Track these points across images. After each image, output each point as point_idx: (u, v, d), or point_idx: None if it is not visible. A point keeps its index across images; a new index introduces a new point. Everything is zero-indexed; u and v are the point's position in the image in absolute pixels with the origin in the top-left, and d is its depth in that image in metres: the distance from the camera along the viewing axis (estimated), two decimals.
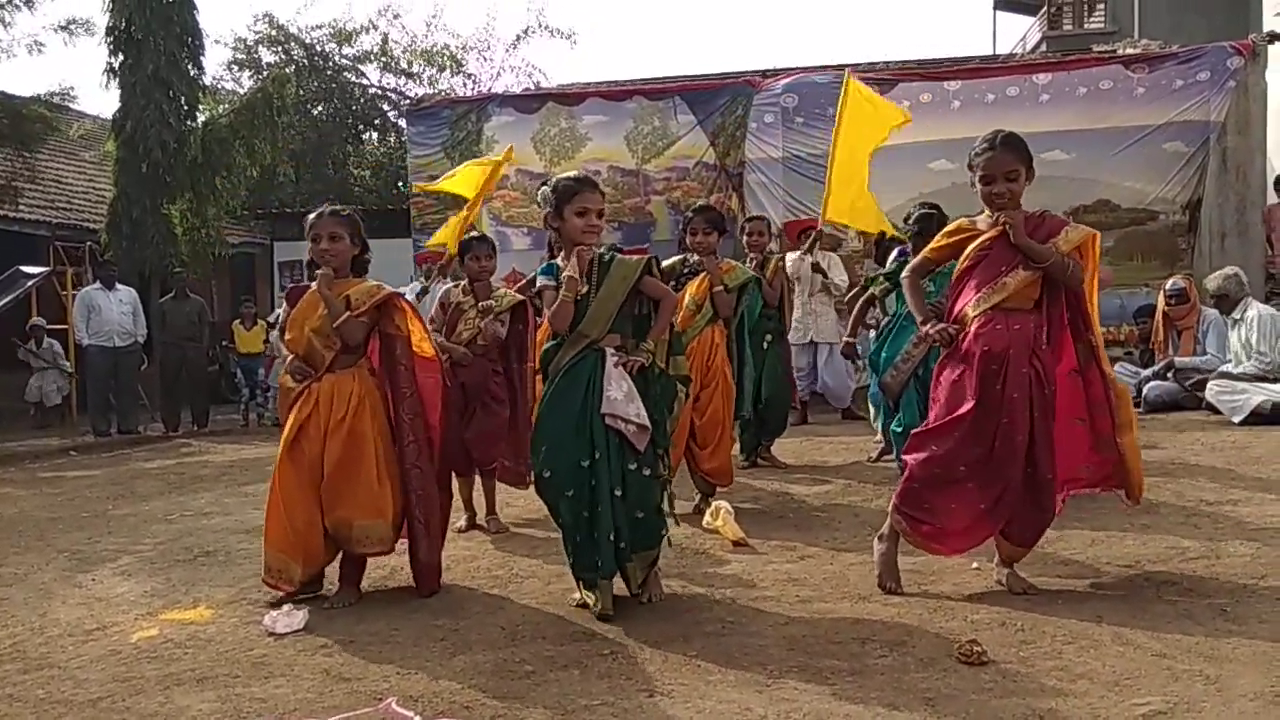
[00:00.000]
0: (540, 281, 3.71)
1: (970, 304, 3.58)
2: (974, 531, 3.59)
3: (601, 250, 3.67)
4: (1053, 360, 3.54)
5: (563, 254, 3.71)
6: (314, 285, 3.85)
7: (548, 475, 3.52)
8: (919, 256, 3.89)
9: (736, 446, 6.08)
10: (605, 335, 3.58)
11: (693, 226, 5.30)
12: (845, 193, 7.10)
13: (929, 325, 3.64)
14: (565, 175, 3.72)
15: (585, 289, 3.58)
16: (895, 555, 3.69)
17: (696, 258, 5.29)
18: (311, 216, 3.95)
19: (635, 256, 3.74)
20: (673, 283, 5.02)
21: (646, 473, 3.56)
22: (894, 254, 6.35)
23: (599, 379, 3.51)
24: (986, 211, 3.66)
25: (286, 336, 3.97)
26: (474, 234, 5.57)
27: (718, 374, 5.18)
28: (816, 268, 8.35)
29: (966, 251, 3.62)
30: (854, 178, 7.08)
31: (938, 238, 3.83)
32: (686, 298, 5.19)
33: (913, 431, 3.72)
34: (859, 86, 7.40)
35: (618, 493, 3.49)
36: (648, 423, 3.52)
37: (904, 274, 3.89)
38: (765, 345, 6.38)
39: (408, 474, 3.84)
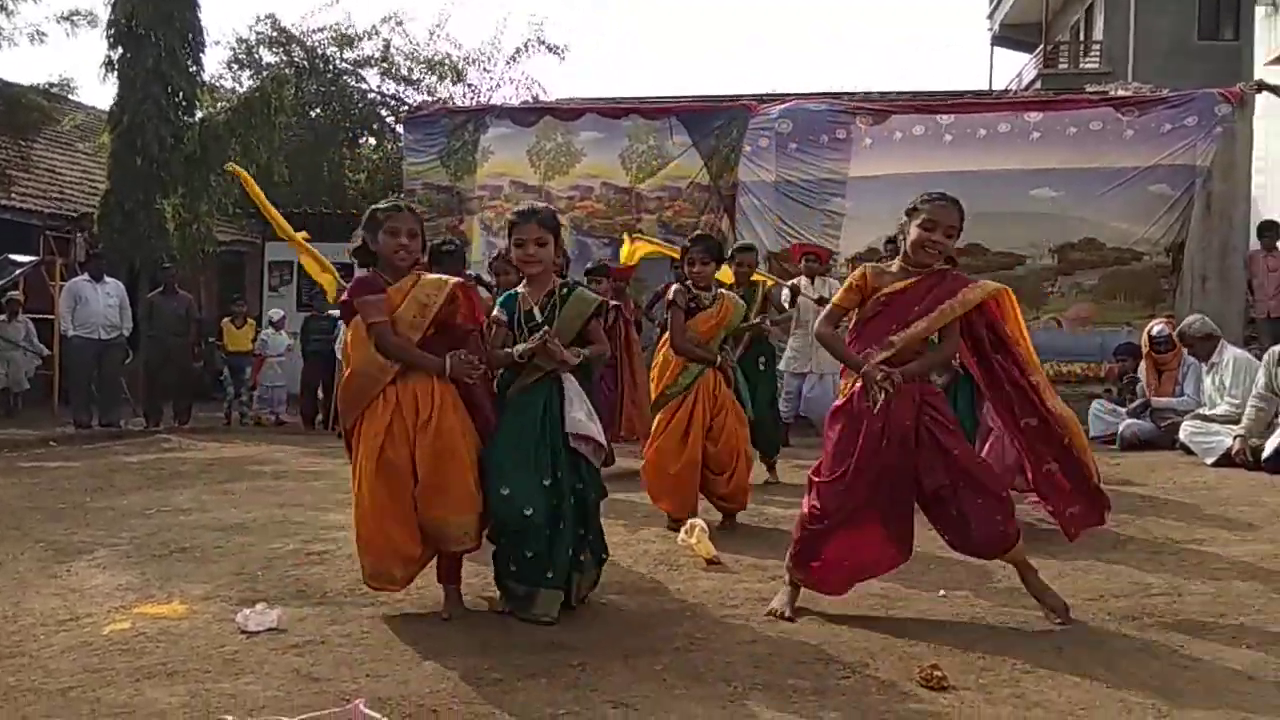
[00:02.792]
0: (495, 314, 3.86)
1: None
2: (851, 575, 3.70)
3: (562, 281, 3.85)
4: (943, 401, 3.62)
5: (524, 282, 3.87)
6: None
7: (506, 493, 3.59)
8: (829, 306, 3.85)
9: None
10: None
11: (690, 256, 5.27)
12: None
13: (870, 368, 3.52)
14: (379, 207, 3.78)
15: (540, 321, 3.73)
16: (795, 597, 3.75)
17: (693, 290, 5.26)
18: (384, 207, 3.76)
19: (593, 295, 3.89)
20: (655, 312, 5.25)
21: (593, 496, 3.76)
22: None
23: (555, 404, 3.66)
24: (899, 260, 3.70)
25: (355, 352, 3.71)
26: (447, 247, 5.47)
27: (725, 400, 5.23)
28: (821, 301, 8.46)
29: (868, 304, 3.66)
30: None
31: (844, 286, 3.78)
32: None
33: (810, 479, 3.74)
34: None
35: (573, 512, 3.68)
36: (605, 441, 3.72)
37: (818, 326, 3.82)
38: (761, 367, 6.50)
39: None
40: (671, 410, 5.21)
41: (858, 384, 3.59)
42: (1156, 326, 8.50)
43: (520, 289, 3.86)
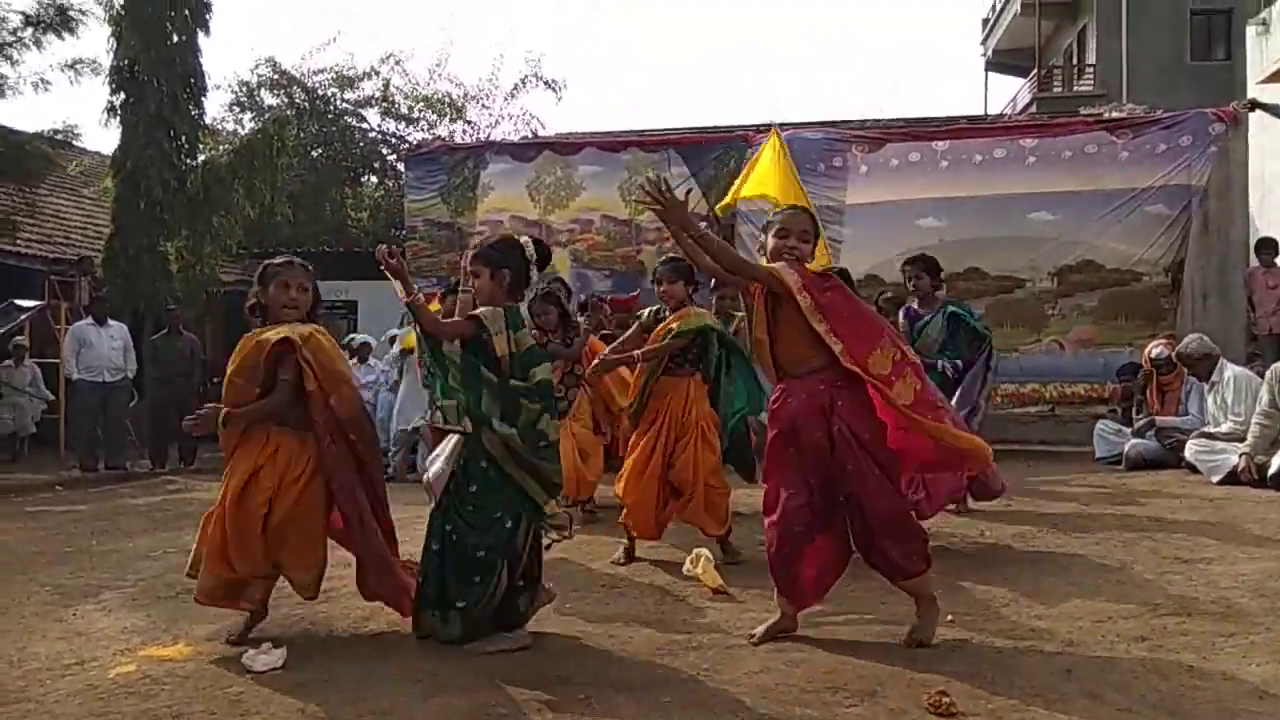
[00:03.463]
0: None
1: None
2: (823, 581, 3.76)
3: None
4: (858, 411, 3.58)
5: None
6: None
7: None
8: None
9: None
10: None
11: (658, 276, 5.39)
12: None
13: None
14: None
15: None
16: (779, 629, 3.76)
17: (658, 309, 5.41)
18: (278, 262, 3.94)
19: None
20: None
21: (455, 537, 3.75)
22: (901, 313, 6.51)
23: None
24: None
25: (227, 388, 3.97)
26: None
27: (692, 428, 5.19)
28: None
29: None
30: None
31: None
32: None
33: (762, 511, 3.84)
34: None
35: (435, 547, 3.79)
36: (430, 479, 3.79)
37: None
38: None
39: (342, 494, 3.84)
40: (640, 435, 5.30)
41: (774, 403, 3.71)
42: (1156, 348, 8.50)
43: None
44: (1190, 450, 7.55)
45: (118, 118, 12.97)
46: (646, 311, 5.47)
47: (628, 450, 5.38)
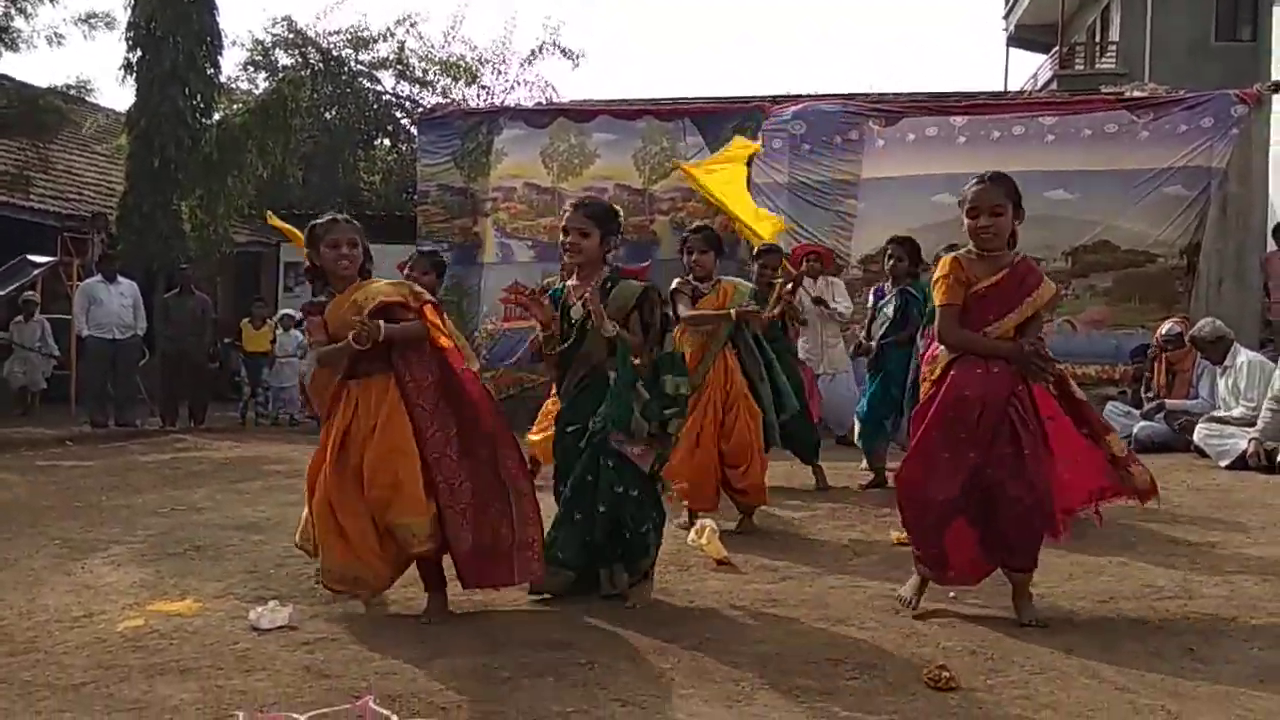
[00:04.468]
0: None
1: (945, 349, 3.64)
2: (979, 563, 3.65)
3: (609, 274, 3.90)
4: (1031, 397, 3.55)
5: (573, 276, 4.02)
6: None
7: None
8: (944, 308, 3.62)
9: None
10: (607, 359, 3.79)
11: (689, 245, 5.32)
12: (755, 219, 7.89)
13: (1025, 349, 3.51)
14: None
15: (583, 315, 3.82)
16: (924, 587, 3.74)
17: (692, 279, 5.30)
18: (323, 221, 3.80)
19: (635, 283, 3.93)
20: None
21: (635, 493, 3.79)
22: (872, 292, 6.92)
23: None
24: (972, 246, 3.66)
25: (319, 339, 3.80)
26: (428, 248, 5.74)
27: (738, 396, 5.20)
28: (819, 301, 8.45)
29: (966, 296, 3.58)
30: (744, 206, 7.94)
31: (944, 282, 3.63)
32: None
33: (898, 478, 3.78)
34: (692, 170, 8.49)
35: (601, 509, 3.77)
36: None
37: (945, 337, 3.64)
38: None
39: (437, 464, 3.62)
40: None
41: (952, 373, 3.57)
42: (1167, 325, 8.46)
43: (568, 283, 4.00)
44: (1199, 434, 7.53)
45: (134, 75, 12.94)
46: (677, 281, 5.31)
47: None
